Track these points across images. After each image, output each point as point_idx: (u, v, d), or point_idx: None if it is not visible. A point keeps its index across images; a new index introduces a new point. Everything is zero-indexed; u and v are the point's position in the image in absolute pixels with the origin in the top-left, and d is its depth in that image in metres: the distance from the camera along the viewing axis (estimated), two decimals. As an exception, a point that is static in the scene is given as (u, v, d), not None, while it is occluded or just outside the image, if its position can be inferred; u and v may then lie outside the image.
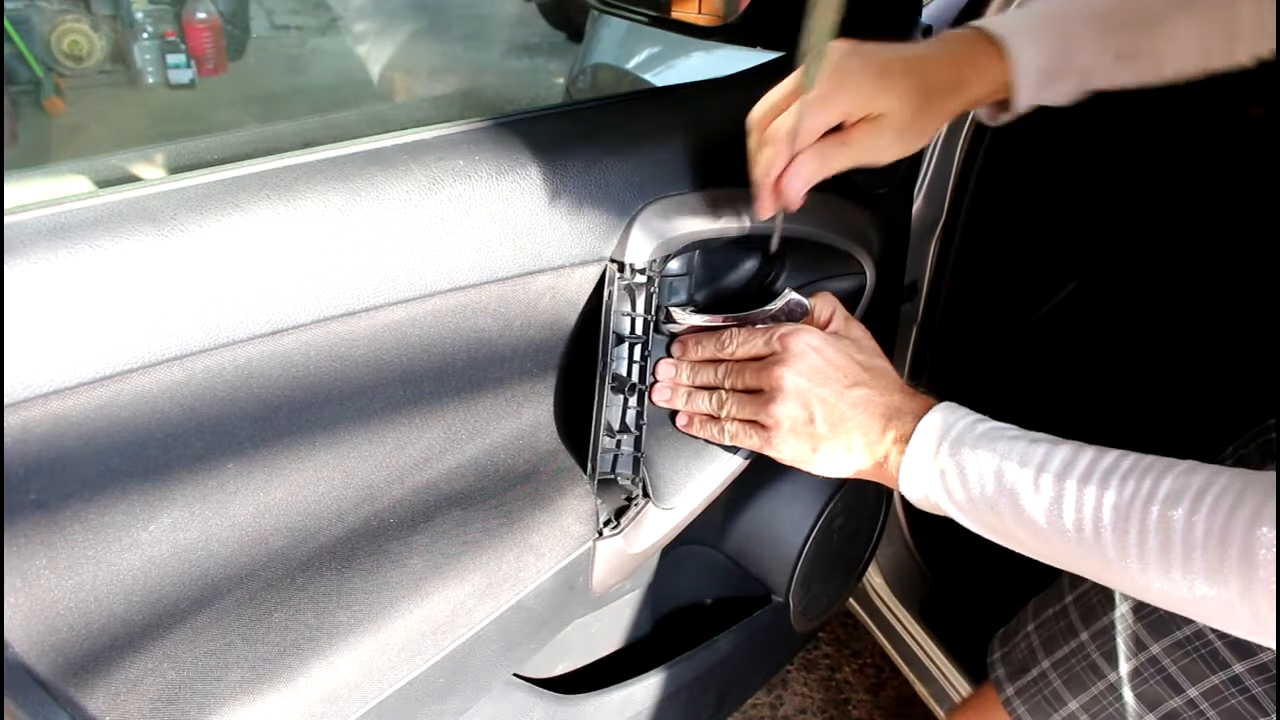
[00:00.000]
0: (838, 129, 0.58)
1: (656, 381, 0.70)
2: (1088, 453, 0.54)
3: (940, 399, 0.63)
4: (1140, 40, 0.60)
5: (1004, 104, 0.64)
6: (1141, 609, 0.73)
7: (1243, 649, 0.67)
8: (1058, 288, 1.47)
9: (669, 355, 0.72)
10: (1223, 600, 0.47)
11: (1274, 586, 0.45)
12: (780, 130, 0.58)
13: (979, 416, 0.60)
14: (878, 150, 0.59)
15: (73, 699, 0.48)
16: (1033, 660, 0.81)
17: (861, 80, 0.57)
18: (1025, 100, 0.62)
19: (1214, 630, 0.68)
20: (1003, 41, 0.60)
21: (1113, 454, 0.53)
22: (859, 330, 0.69)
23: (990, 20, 0.62)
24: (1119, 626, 0.74)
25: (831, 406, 0.63)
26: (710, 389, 0.69)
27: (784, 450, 0.65)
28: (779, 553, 0.94)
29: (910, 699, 1.31)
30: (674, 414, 0.72)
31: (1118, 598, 0.75)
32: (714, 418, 0.69)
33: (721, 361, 0.68)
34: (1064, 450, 0.55)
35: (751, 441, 0.67)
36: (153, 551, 0.50)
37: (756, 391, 0.66)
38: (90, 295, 0.44)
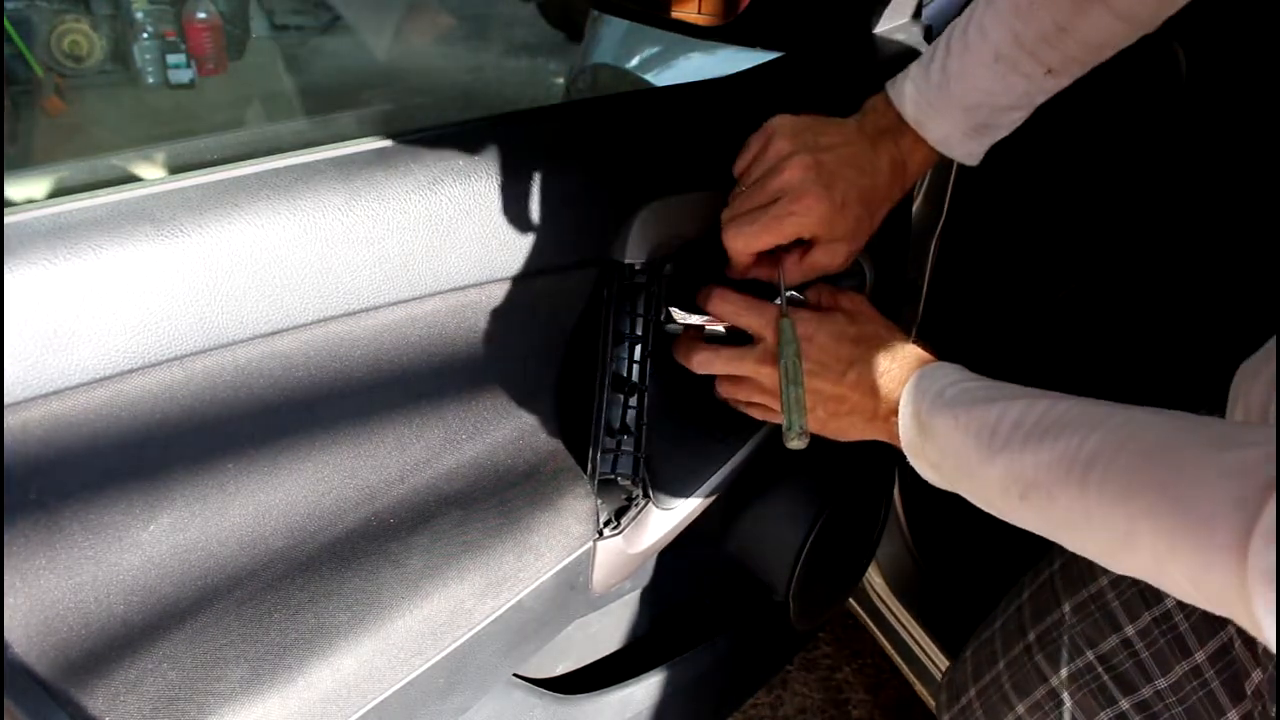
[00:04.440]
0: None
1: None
2: (1038, 407, 0.51)
3: (936, 355, 0.63)
4: (1065, 46, 0.59)
5: None
6: (1045, 642, 0.71)
7: (1142, 676, 0.65)
8: (1059, 287, 1.47)
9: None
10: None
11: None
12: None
13: (952, 379, 0.58)
14: (832, 265, 0.65)
15: (72, 699, 0.47)
16: (964, 689, 0.80)
17: (821, 213, 0.61)
18: (970, 158, 0.65)
19: (1104, 666, 0.67)
20: (917, 126, 0.63)
21: (1062, 405, 0.51)
22: (849, 301, 0.68)
23: (905, 97, 0.63)
24: (1024, 658, 0.73)
25: (829, 395, 0.64)
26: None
27: None
28: (779, 553, 0.94)
29: (910, 699, 1.31)
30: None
31: (1027, 625, 0.73)
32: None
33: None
34: (1016, 409, 0.52)
35: (770, 418, 0.70)
36: (152, 551, 0.50)
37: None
38: (90, 295, 0.44)
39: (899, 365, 0.62)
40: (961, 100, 0.61)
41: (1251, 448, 0.41)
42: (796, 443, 0.60)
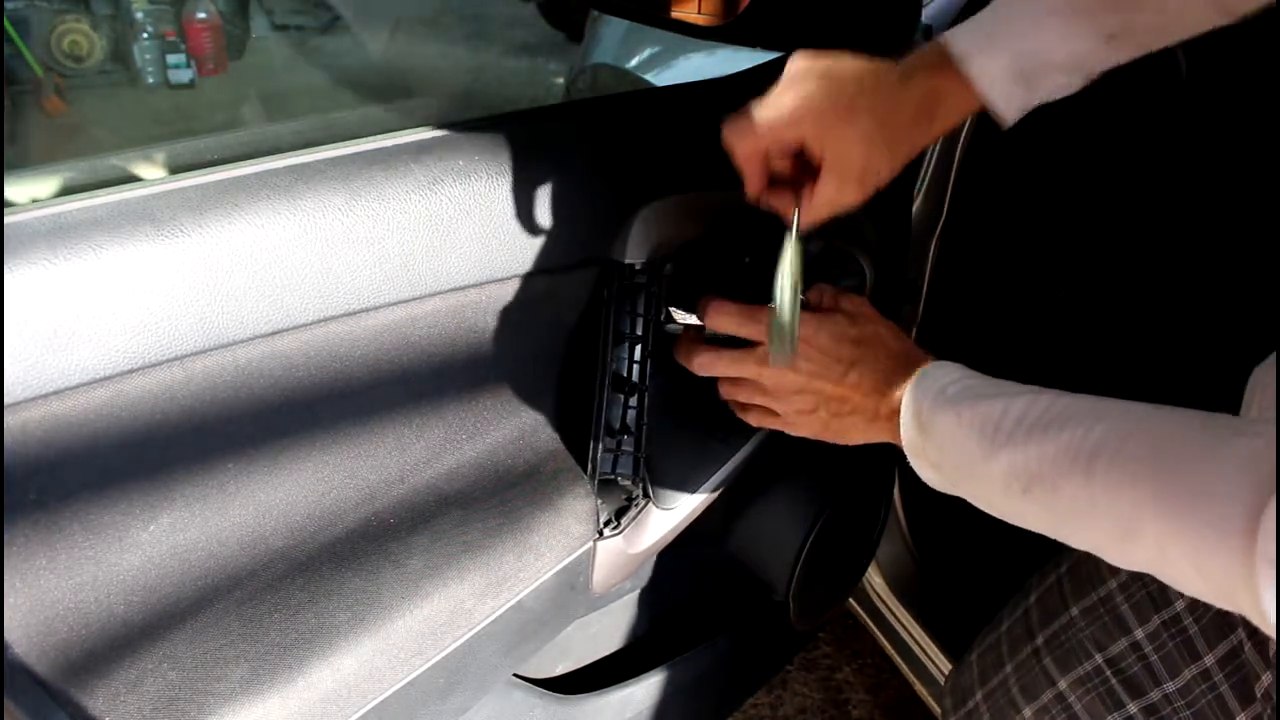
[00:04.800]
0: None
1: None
2: (1042, 401, 0.51)
3: (937, 355, 0.62)
4: (1133, 16, 0.56)
5: None
6: (1053, 645, 0.71)
7: (1151, 680, 0.65)
8: (1059, 287, 1.47)
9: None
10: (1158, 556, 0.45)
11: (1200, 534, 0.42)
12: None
13: (953, 377, 0.58)
14: (840, 198, 0.58)
15: (72, 699, 0.48)
16: (970, 693, 0.80)
17: (825, 114, 0.55)
18: (1008, 109, 0.59)
19: (1112, 670, 0.67)
20: (960, 60, 0.57)
21: (1065, 399, 0.51)
22: (850, 302, 0.67)
23: (954, 34, 0.58)
24: (1032, 661, 0.72)
25: (830, 395, 0.64)
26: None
27: (799, 430, 0.68)
28: (779, 553, 0.94)
29: (910, 699, 1.31)
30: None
31: (1035, 628, 0.73)
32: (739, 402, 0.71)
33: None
34: (1019, 405, 0.52)
35: (769, 423, 0.69)
36: (152, 551, 0.50)
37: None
38: (90, 295, 0.44)
39: (900, 365, 0.62)
40: (1011, 45, 0.56)
41: (1258, 437, 0.41)
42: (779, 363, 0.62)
